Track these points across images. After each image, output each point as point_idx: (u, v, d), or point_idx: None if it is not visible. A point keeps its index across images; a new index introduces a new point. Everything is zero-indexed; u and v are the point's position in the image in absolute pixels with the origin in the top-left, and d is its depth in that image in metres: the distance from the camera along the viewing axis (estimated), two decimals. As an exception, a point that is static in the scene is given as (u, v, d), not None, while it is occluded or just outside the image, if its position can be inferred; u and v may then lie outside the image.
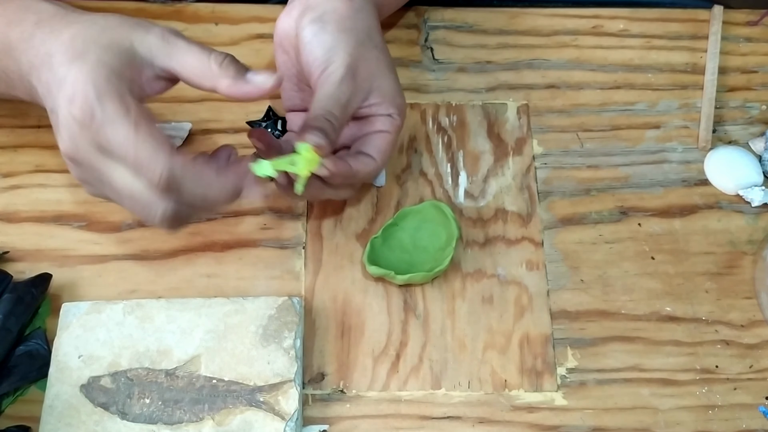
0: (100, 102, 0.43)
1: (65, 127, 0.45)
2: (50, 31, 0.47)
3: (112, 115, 0.43)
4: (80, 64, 0.44)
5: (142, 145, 0.43)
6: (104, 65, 0.44)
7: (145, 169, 0.44)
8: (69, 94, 0.44)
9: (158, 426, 0.49)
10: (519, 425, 0.52)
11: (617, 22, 0.69)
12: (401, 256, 0.57)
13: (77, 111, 0.43)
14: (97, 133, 0.44)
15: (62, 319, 0.53)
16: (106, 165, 0.45)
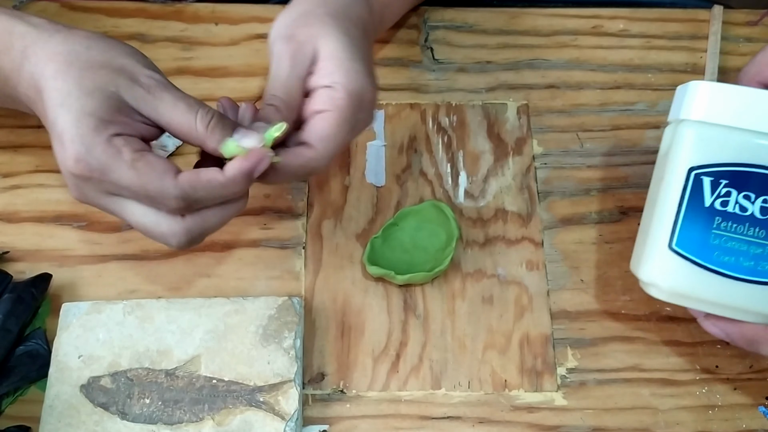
0: (91, 154, 0.43)
1: (69, 180, 0.44)
2: (36, 63, 0.45)
3: (106, 162, 0.43)
4: (65, 112, 0.43)
5: (147, 180, 0.43)
6: (88, 115, 0.43)
7: (158, 200, 0.43)
8: (63, 147, 0.43)
9: (158, 426, 0.49)
10: (519, 425, 0.52)
11: (617, 22, 0.69)
12: (401, 256, 0.57)
13: (73, 167, 0.43)
14: (100, 182, 0.44)
15: (62, 319, 0.53)
16: (120, 204, 0.45)
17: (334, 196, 0.60)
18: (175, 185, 0.43)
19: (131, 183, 0.43)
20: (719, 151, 0.45)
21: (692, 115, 0.46)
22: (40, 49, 0.45)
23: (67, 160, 0.43)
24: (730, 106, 0.45)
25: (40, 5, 0.67)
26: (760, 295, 0.45)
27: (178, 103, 0.45)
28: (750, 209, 0.45)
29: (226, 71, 0.65)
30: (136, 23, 0.67)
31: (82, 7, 0.68)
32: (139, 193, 0.43)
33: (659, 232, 0.47)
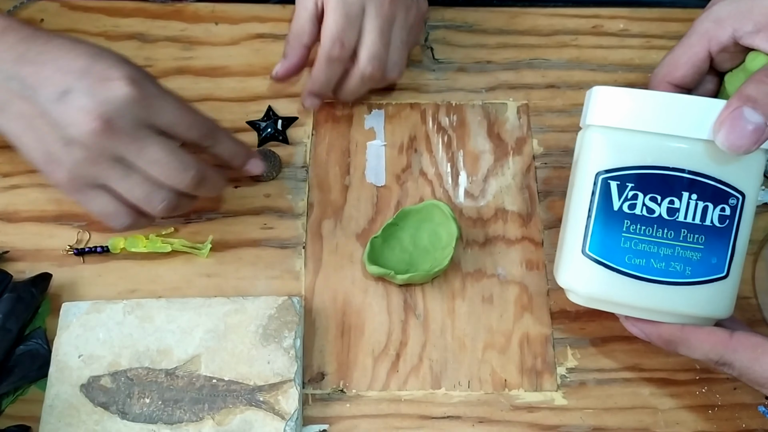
0: (146, 79, 0.48)
1: (110, 102, 0.46)
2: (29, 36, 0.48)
3: (158, 91, 0.49)
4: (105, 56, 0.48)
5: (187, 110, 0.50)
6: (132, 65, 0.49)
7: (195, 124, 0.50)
8: (106, 74, 0.46)
9: (158, 425, 0.49)
10: (519, 425, 0.52)
11: (617, 21, 0.69)
12: (401, 255, 0.57)
13: (130, 90, 0.46)
14: (149, 106, 0.47)
15: (62, 318, 0.53)
16: (149, 135, 0.48)
17: (334, 196, 0.60)
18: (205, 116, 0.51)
19: (179, 109, 0.49)
20: (624, 155, 0.45)
21: (596, 120, 0.46)
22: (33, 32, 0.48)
23: (123, 81, 0.46)
24: (632, 110, 0.45)
25: (40, 5, 0.67)
26: (673, 296, 0.45)
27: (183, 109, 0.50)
28: (657, 211, 0.45)
29: (226, 71, 0.65)
30: (136, 23, 0.67)
31: (83, 7, 0.68)
32: (179, 114, 0.49)
33: (573, 237, 0.47)
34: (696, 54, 0.51)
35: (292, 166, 0.61)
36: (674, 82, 0.52)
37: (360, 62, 0.56)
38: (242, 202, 0.60)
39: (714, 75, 0.54)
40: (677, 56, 0.52)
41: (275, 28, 0.67)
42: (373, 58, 0.56)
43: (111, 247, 0.56)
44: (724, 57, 0.51)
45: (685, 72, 0.52)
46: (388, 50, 0.57)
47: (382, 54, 0.56)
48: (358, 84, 0.58)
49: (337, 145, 0.62)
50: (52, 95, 0.46)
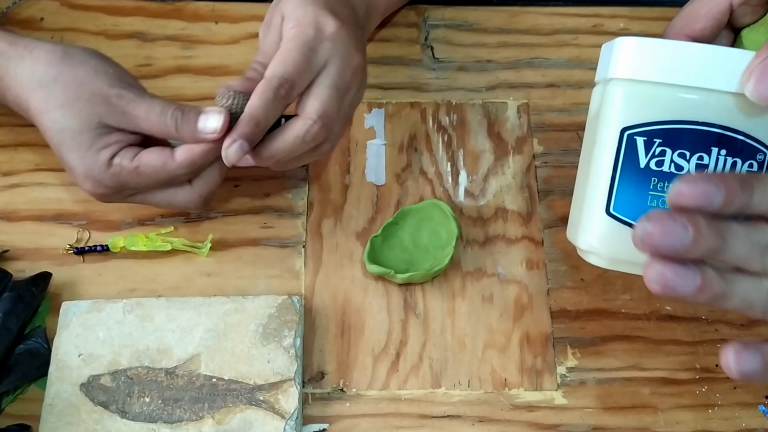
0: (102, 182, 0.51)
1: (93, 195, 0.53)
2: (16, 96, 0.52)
3: (116, 181, 0.51)
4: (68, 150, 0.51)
5: (154, 175, 0.50)
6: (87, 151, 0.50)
7: (170, 181, 0.51)
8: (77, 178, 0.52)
9: (158, 425, 0.49)
10: (519, 424, 0.52)
11: (617, 20, 0.69)
12: (401, 254, 0.57)
13: (93, 191, 0.52)
14: (119, 192, 0.52)
15: (62, 317, 0.53)
16: (140, 198, 0.53)
17: (334, 195, 0.60)
18: (178, 165, 0.50)
19: (144, 183, 0.51)
20: (651, 110, 0.43)
21: (620, 74, 0.44)
22: (15, 80, 0.51)
23: (85, 186, 0.52)
24: (659, 62, 0.43)
25: (40, 4, 0.67)
26: None
27: (150, 112, 0.50)
28: (686, 167, 0.43)
29: (225, 70, 0.65)
30: (136, 21, 0.67)
31: (82, 6, 0.68)
32: (155, 186, 0.51)
33: (595, 197, 0.45)
34: (717, 5, 0.50)
35: (292, 165, 0.61)
36: (692, 35, 0.50)
37: (306, 115, 0.49)
38: (242, 202, 0.60)
39: (729, 30, 0.52)
40: (697, 8, 0.50)
41: (275, 27, 0.67)
42: (324, 116, 0.49)
43: (111, 245, 0.56)
44: (745, 10, 0.50)
45: (704, 24, 0.50)
46: (338, 117, 0.51)
47: (332, 116, 0.50)
48: (294, 142, 0.49)
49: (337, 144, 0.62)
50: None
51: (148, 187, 0.51)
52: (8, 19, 0.66)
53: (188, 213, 0.59)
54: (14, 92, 0.51)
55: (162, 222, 0.58)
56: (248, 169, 0.60)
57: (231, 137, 0.47)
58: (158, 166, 0.50)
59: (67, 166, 0.51)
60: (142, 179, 0.50)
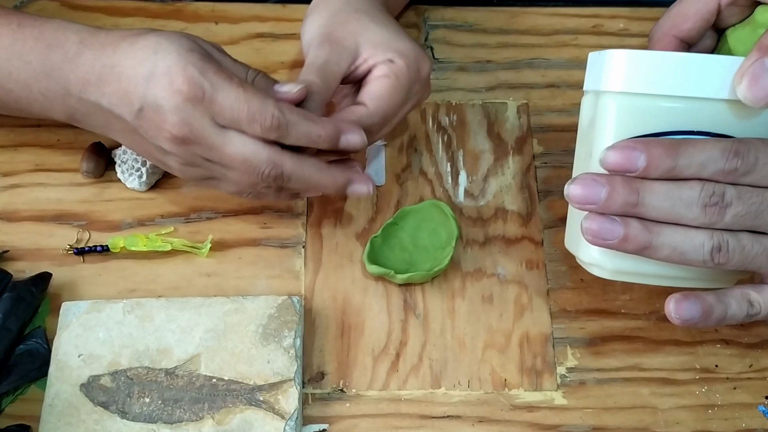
0: (204, 76, 0.46)
1: (176, 111, 0.46)
2: (100, 47, 0.49)
3: (218, 83, 0.46)
4: (164, 54, 0.47)
5: (252, 98, 0.46)
6: (189, 50, 0.47)
7: (257, 116, 0.46)
8: (167, 81, 0.46)
9: (158, 425, 0.49)
10: (519, 424, 0.52)
11: (617, 21, 0.69)
12: (401, 255, 0.57)
13: (186, 88, 0.46)
14: (210, 104, 0.46)
15: (62, 318, 0.53)
16: (220, 135, 0.47)
17: (333, 196, 0.60)
18: (275, 104, 0.47)
19: (238, 101, 0.46)
20: (646, 122, 0.43)
21: (613, 87, 0.44)
22: (102, 36, 0.49)
23: (180, 86, 0.46)
24: (651, 74, 0.43)
25: (40, 4, 0.67)
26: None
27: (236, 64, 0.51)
28: None
29: (226, 70, 0.65)
30: (136, 22, 0.67)
31: (82, 6, 0.68)
32: (243, 111, 0.46)
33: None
34: (706, 5, 0.50)
35: (292, 165, 0.61)
36: (680, 36, 0.51)
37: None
38: (242, 202, 0.60)
39: (713, 30, 0.52)
40: (685, 8, 0.51)
41: (275, 28, 0.67)
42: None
43: (111, 246, 0.56)
44: (732, 11, 0.50)
45: (692, 25, 0.50)
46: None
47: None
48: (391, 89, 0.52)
49: (337, 144, 0.62)
50: (132, 113, 0.48)
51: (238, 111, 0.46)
52: (8, 19, 0.66)
53: (188, 213, 0.59)
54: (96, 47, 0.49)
55: (162, 222, 0.58)
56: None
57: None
58: (261, 93, 0.47)
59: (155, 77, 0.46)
60: (240, 96, 0.46)
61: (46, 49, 0.50)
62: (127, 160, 0.58)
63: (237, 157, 0.48)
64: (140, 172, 0.58)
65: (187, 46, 0.47)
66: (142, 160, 0.58)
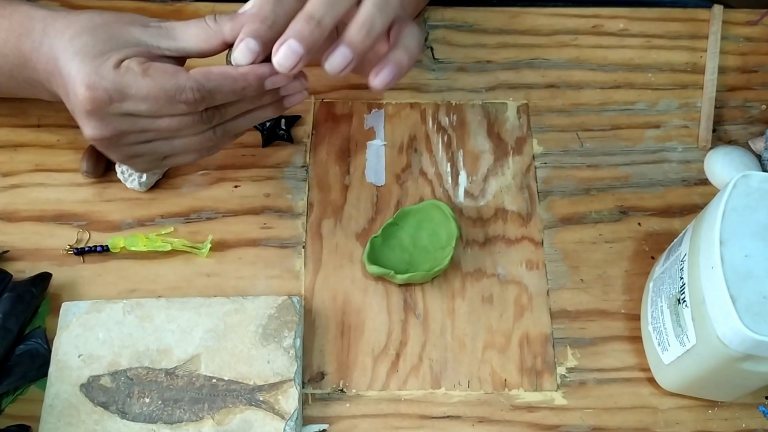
0: (103, 78, 0.45)
1: (93, 117, 0.46)
2: (54, 35, 0.48)
3: (119, 81, 0.45)
4: (66, 62, 0.46)
5: (162, 80, 0.45)
6: (95, 52, 0.46)
7: (177, 96, 0.45)
8: (75, 92, 0.46)
9: (158, 425, 0.49)
10: (519, 424, 0.52)
11: (617, 21, 0.69)
12: (401, 255, 0.57)
13: (88, 97, 0.45)
14: (122, 103, 0.46)
15: (62, 318, 0.53)
16: (143, 123, 0.47)
17: (333, 196, 0.60)
18: (188, 77, 0.45)
19: (150, 89, 0.45)
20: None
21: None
22: (60, 23, 0.48)
23: (81, 94, 0.45)
24: None
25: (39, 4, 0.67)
26: None
27: (188, 23, 0.48)
28: None
29: (226, 70, 0.65)
30: (136, 22, 0.67)
31: (82, 7, 0.67)
32: (159, 96, 0.45)
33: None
34: None
35: (292, 165, 0.61)
36: None
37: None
38: (242, 202, 0.60)
39: None
40: None
41: (275, 28, 0.67)
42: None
43: (111, 246, 0.56)
44: None
45: None
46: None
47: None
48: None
49: (337, 144, 0.62)
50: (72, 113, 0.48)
51: (151, 97, 0.45)
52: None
53: (188, 213, 0.59)
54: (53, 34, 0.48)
55: (162, 222, 0.58)
56: (248, 169, 0.60)
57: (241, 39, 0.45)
58: (169, 72, 0.45)
59: (69, 82, 0.46)
60: (147, 83, 0.45)
61: (18, 39, 0.50)
62: (127, 160, 0.58)
63: (175, 133, 0.47)
64: (140, 172, 0.58)
65: (95, 49, 0.46)
66: (142, 160, 0.58)
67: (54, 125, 0.62)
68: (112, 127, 0.47)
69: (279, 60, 0.44)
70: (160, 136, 0.48)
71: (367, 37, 0.44)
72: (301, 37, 0.43)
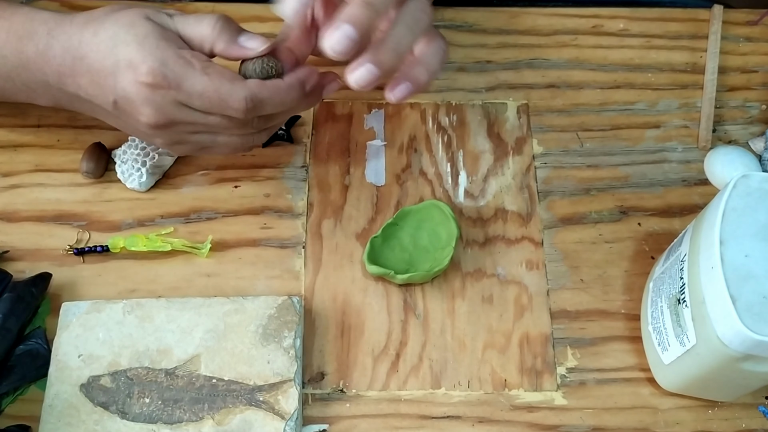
0: (165, 65, 0.46)
1: (146, 102, 0.47)
2: (67, 39, 0.49)
3: (180, 71, 0.46)
4: (123, 47, 0.47)
5: (219, 82, 0.47)
6: (147, 37, 0.47)
7: (230, 102, 0.47)
8: (131, 74, 0.47)
9: (158, 425, 0.49)
10: (519, 425, 0.52)
11: (617, 21, 0.69)
12: (401, 255, 0.57)
13: (150, 80, 0.46)
14: (177, 92, 0.47)
15: (62, 318, 0.53)
16: (195, 116, 0.48)
17: (333, 196, 0.60)
18: (243, 86, 0.47)
19: (205, 87, 0.47)
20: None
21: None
22: (68, 26, 0.49)
23: (144, 77, 0.46)
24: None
25: (39, 4, 0.67)
26: None
27: (194, 16, 0.49)
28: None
29: (226, 70, 0.65)
30: (136, 22, 0.67)
31: (82, 7, 0.67)
32: (213, 99, 0.47)
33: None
34: None
35: (292, 166, 0.61)
36: None
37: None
38: (242, 202, 0.60)
39: None
40: None
41: (275, 28, 0.67)
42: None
43: (111, 246, 0.56)
44: None
45: None
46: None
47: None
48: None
49: (337, 144, 0.62)
50: (109, 104, 0.49)
51: (206, 97, 0.47)
52: (8, 19, 0.66)
53: (188, 213, 0.59)
54: (66, 35, 0.49)
55: (162, 223, 0.58)
56: (248, 169, 0.60)
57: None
58: (227, 78, 0.47)
59: (120, 67, 0.47)
60: (207, 84, 0.46)
61: (18, 41, 0.50)
62: (127, 160, 0.58)
63: (220, 131, 0.49)
64: (140, 172, 0.58)
65: (143, 32, 0.47)
66: (142, 160, 0.58)
67: (54, 125, 0.62)
68: (164, 112, 0.48)
69: (332, 45, 0.43)
70: (206, 130, 0.50)
71: (395, 57, 0.45)
72: (356, 21, 0.43)
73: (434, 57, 0.48)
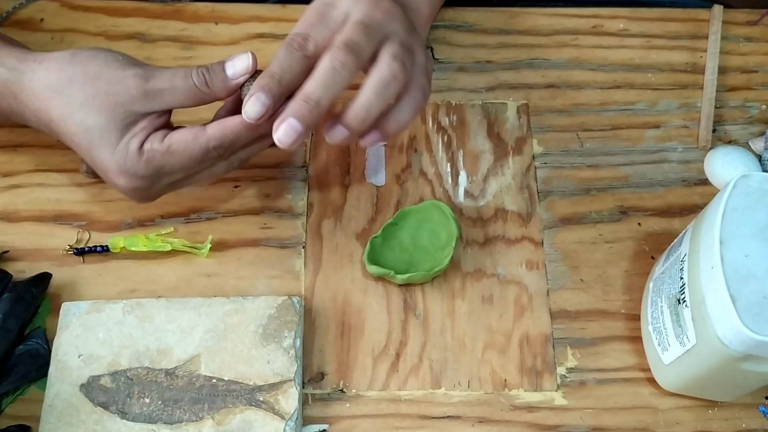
0: (137, 173, 0.49)
1: (132, 195, 0.51)
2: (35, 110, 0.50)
3: (150, 169, 0.49)
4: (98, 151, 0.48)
5: (187, 152, 0.48)
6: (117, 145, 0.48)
7: (204, 159, 0.49)
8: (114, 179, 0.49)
9: (158, 425, 0.49)
10: (519, 425, 0.52)
11: (617, 21, 0.69)
12: (401, 255, 0.57)
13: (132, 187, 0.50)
14: (159, 180, 0.50)
15: (62, 318, 0.53)
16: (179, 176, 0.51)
17: (334, 196, 0.60)
18: (208, 137, 0.48)
19: (179, 163, 0.49)
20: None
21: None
22: (31, 94, 0.50)
23: (122, 183, 0.49)
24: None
25: (39, 5, 0.67)
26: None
27: (174, 79, 0.49)
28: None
29: (226, 71, 0.65)
30: (136, 22, 0.67)
31: (82, 7, 0.68)
32: (189, 164, 0.49)
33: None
34: None
35: (292, 165, 0.61)
36: None
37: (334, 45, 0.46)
38: (242, 202, 0.60)
39: None
40: None
41: (275, 28, 0.67)
42: (350, 44, 0.46)
43: (111, 246, 0.56)
44: None
45: None
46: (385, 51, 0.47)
47: (361, 45, 0.46)
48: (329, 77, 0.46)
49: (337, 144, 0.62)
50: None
51: (184, 167, 0.49)
52: (8, 20, 0.66)
53: (188, 213, 0.59)
54: (33, 106, 0.50)
55: (162, 223, 0.58)
56: (248, 169, 0.60)
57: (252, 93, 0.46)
58: (189, 140, 0.48)
59: (100, 168, 0.50)
60: (176, 158, 0.49)
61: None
62: (127, 160, 0.58)
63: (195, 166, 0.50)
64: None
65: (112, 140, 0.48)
66: (142, 160, 0.58)
67: (54, 125, 0.62)
68: (150, 192, 0.51)
69: (279, 137, 0.46)
70: (187, 179, 0.52)
71: (364, 122, 0.47)
72: (301, 117, 0.45)
73: (407, 108, 0.49)
